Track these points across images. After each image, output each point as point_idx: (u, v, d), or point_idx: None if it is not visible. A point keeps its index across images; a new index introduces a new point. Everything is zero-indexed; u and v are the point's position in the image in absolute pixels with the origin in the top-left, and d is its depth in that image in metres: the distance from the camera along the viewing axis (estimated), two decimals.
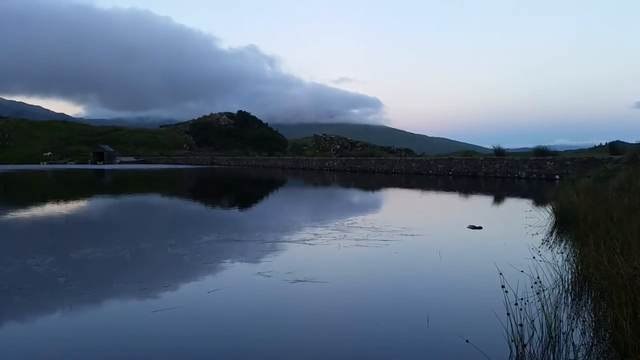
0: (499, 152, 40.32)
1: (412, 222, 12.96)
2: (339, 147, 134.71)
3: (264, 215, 16.23)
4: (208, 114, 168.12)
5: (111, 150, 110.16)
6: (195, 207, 20.41)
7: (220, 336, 4.98)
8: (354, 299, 6.29)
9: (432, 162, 44.60)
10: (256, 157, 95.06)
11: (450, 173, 41.53)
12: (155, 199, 23.85)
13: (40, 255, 8.56)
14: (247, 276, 7.29)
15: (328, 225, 12.45)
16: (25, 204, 20.63)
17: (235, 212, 17.73)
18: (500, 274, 5.49)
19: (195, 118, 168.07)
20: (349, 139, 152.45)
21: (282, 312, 5.73)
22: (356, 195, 25.26)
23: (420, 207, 18.51)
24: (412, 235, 10.80)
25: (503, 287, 4.98)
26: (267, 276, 7.14)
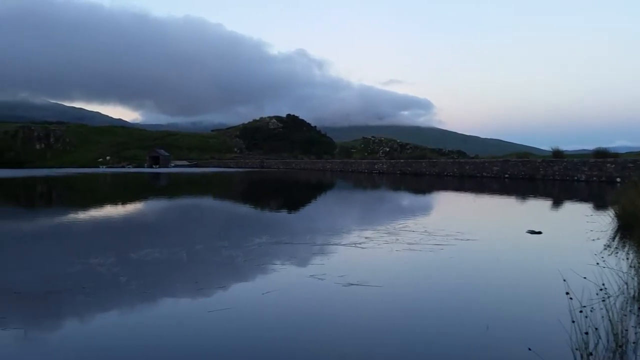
0: (557, 154, 38.82)
1: (467, 226, 12.65)
2: (388, 149, 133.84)
3: (313, 218, 16.28)
4: (258, 118, 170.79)
5: (166, 154, 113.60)
6: (246, 209, 20.71)
7: (275, 337, 4.99)
8: (408, 303, 6.18)
9: (486, 164, 43.51)
10: (305, 160, 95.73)
11: (506, 176, 40.37)
12: (208, 202, 24.38)
13: (102, 255, 8.87)
14: (300, 279, 7.31)
15: (378, 228, 12.34)
16: (86, 206, 21.54)
17: (284, 214, 17.87)
18: (564, 280, 5.26)
19: (246, 122, 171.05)
20: (398, 141, 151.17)
21: (335, 315, 5.70)
22: (406, 198, 24.96)
23: (475, 211, 18.08)
24: (468, 240, 10.54)
25: (567, 293, 4.77)
26: (319, 279, 7.13)
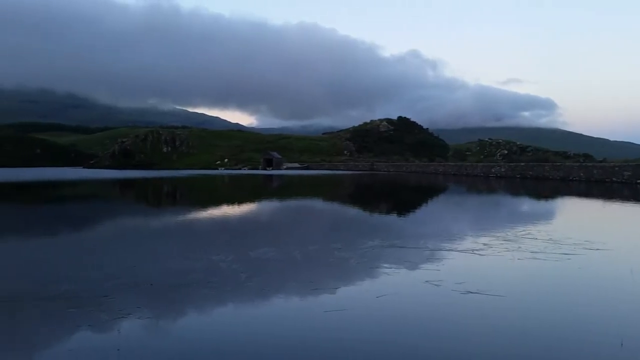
0: None
1: (597, 235, 11.62)
2: (506, 152, 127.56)
3: (426, 222, 15.90)
4: (368, 121, 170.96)
5: (279, 157, 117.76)
6: (357, 212, 20.78)
7: (390, 341, 4.91)
8: (532, 315, 5.77)
9: (616, 168, 39.81)
10: (416, 163, 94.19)
11: (639, 182, 36.63)
12: (319, 204, 24.84)
13: (223, 252, 9.36)
14: (414, 283, 7.14)
15: (497, 235, 11.73)
16: (206, 205, 22.93)
17: (396, 218, 17.66)
18: None
19: (356, 125, 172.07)
20: (517, 143, 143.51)
21: (454, 324, 5.47)
22: (528, 204, 23.53)
23: (605, 219, 16.57)
24: (598, 249, 9.66)
25: None
26: (435, 285, 6.91)
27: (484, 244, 10.27)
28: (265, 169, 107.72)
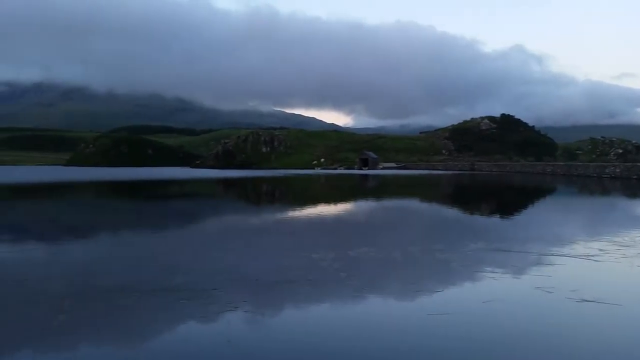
0: None
1: None
2: (621, 151, 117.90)
3: (533, 225, 15.06)
4: (468, 119, 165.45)
5: (374, 157, 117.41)
6: (457, 213, 20.17)
7: (499, 350, 4.70)
8: None
9: None
10: (521, 162, 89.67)
11: None
12: (417, 204, 24.44)
13: (323, 251, 9.49)
14: (524, 289, 6.79)
15: (613, 240, 10.84)
16: (303, 204, 23.39)
17: (499, 220, 16.90)
18: None
19: (455, 123, 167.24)
20: (633, 142, 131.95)
21: (567, 332, 5.14)
22: None
23: None
24: None
25: None
26: (547, 292, 6.52)
27: (599, 250, 9.53)
28: (361, 169, 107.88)
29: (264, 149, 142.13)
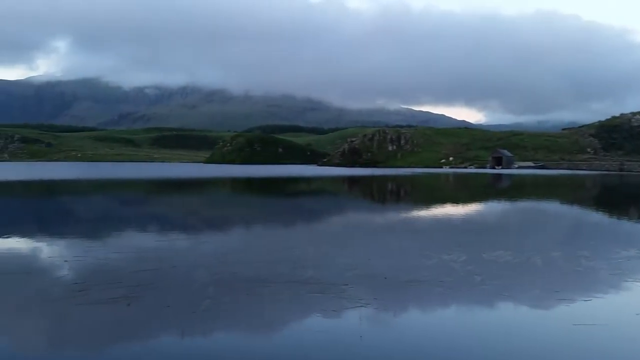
0: None
1: None
2: None
3: None
4: (617, 115, 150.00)
5: (509, 155, 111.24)
6: (604, 217, 18.36)
7: None
8: None
9: None
10: None
11: None
12: (556, 206, 22.70)
13: (454, 252, 9.19)
14: None
15: None
16: (430, 203, 22.83)
17: None
18: None
19: (602, 119, 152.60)
20: None
21: None
22: None
23: None
24: None
25: None
26: None
27: None
28: (494, 168, 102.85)
29: (390, 147, 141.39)
